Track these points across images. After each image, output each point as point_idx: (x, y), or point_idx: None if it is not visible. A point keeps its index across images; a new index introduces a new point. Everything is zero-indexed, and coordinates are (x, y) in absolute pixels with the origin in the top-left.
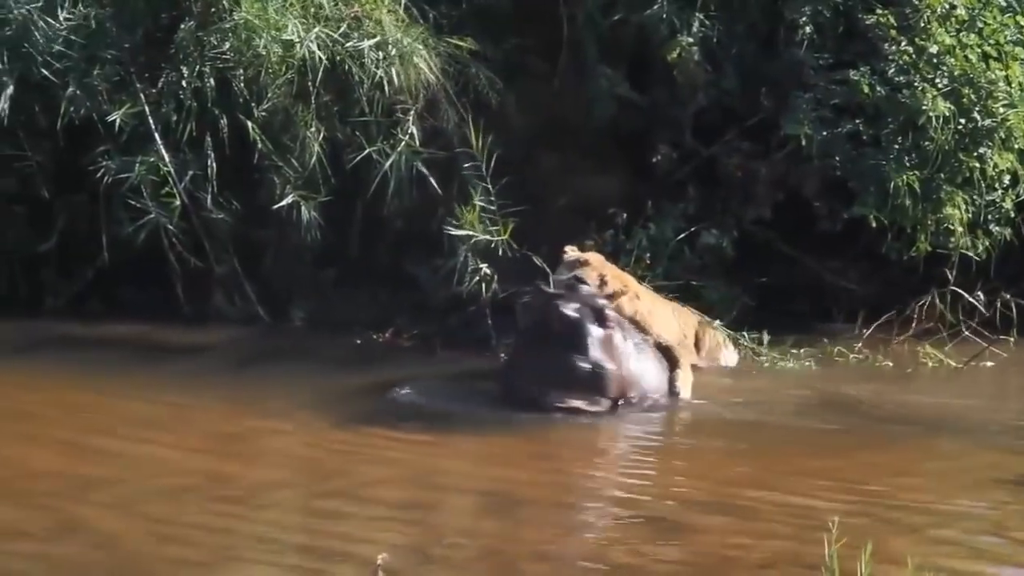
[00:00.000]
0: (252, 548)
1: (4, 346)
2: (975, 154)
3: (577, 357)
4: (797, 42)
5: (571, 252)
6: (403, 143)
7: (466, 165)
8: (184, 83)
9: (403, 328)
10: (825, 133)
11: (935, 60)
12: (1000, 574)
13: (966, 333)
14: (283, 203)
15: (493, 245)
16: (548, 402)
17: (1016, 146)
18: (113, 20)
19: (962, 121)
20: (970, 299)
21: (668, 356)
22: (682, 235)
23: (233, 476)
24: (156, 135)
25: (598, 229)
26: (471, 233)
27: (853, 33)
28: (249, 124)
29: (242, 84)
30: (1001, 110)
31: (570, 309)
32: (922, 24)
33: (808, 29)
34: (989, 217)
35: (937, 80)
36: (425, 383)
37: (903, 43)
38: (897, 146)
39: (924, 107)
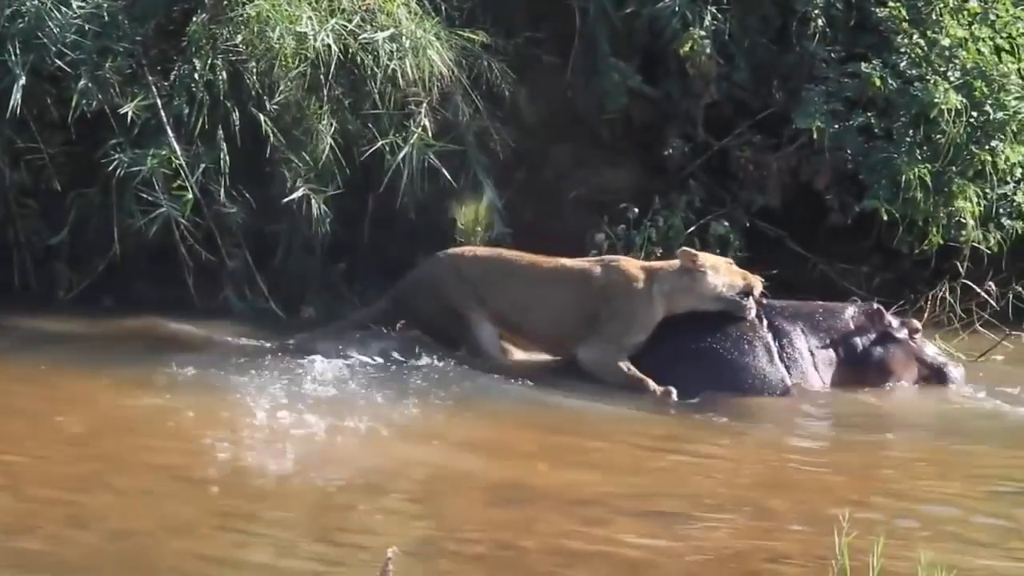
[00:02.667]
0: (263, 541)
1: (14, 339)
2: (987, 147)
3: None
4: (809, 35)
5: (703, 256)
6: (415, 136)
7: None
8: (196, 76)
9: None
10: (837, 126)
11: (947, 53)
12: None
13: (978, 326)
14: (294, 196)
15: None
16: None
17: None
18: (125, 12)
19: (974, 114)
20: (981, 292)
21: None
22: (692, 228)
23: (245, 469)
24: (168, 128)
25: (610, 222)
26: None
27: (865, 26)
28: (261, 117)
29: (254, 77)
30: (1013, 103)
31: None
32: (934, 17)
33: (820, 22)
34: (1001, 210)
35: (949, 73)
36: (438, 373)
37: (915, 36)
38: (909, 139)
39: (936, 100)
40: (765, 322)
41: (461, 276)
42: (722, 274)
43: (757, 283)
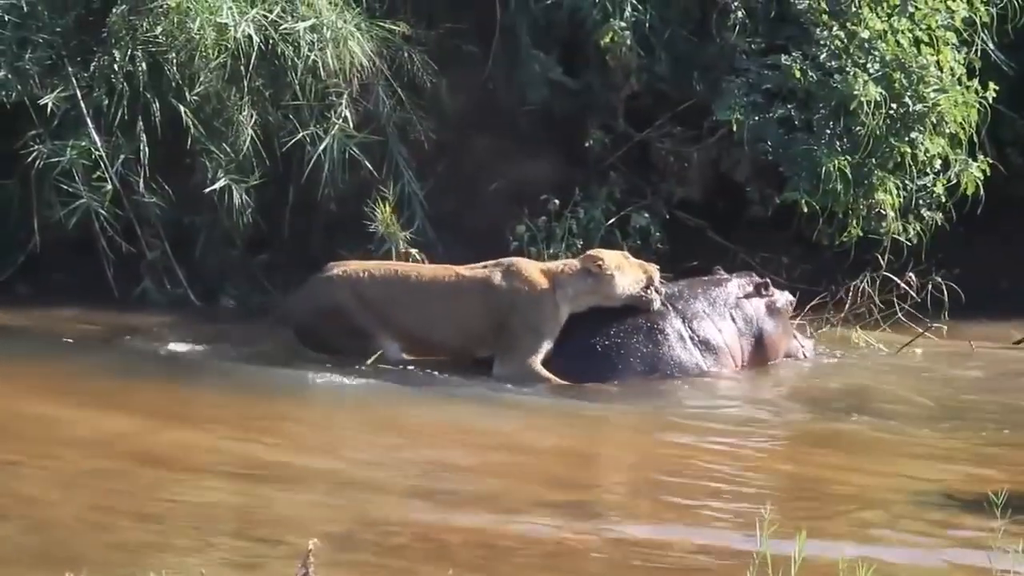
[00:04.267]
0: (183, 533)
1: None
2: (906, 139)
3: None
4: (729, 27)
5: (607, 258)
6: (336, 127)
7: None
8: (116, 67)
9: None
10: (756, 118)
11: (866, 45)
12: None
13: (899, 316)
14: (215, 187)
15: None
16: None
17: (947, 131)
18: (45, 3)
19: (893, 106)
20: (900, 283)
21: None
22: (612, 219)
23: (164, 461)
24: (88, 119)
25: (531, 214)
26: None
27: (785, 18)
28: (182, 108)
29: (175, 68)
30: (932, 95)
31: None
32: (853, 9)
33: (740, 14)
34: (920, 202)
35: (869, 65)
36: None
37: (835, 28)
38: (829, 131)
39: (856, 92)
40: (671, 309)
41: (363, 300)
42: (626, 273)
43: (654, 271)
